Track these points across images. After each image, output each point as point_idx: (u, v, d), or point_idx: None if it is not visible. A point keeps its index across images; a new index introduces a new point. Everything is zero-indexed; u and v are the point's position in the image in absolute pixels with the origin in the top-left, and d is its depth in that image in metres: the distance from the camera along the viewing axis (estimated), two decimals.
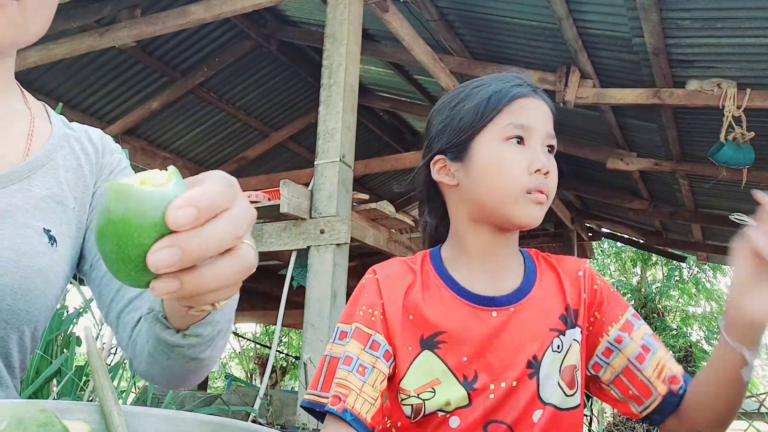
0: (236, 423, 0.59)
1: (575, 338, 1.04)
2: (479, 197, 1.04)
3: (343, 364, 0.99)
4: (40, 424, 0.43)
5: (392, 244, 4.29)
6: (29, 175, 0.83)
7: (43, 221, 0.82)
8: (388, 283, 1.07)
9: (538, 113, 1.06)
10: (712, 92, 4.18)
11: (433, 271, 1.09)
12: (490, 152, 1.03)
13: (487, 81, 1.09)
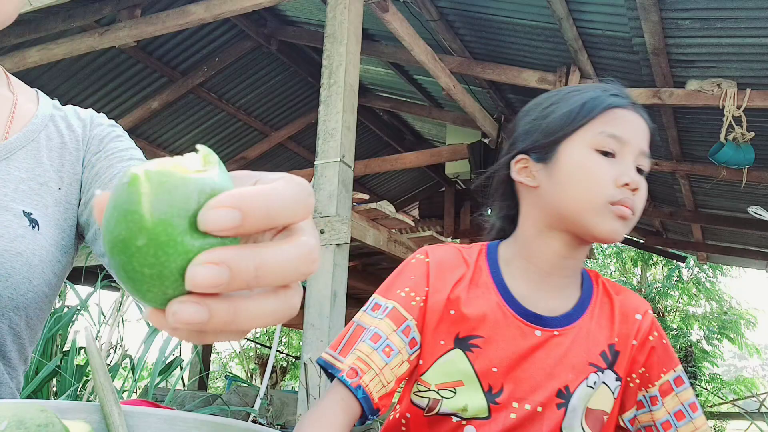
0: (236, 423, 0.59)
1: (606, 382, 1.00)
2: (559, 203, 0.99)
3: (370, 340, 0.96)
4: (40, 424, 0.43)
5: (392, 244, 4.29)
6: (8, 156, 0.81)
7: (23, 204, 0.79)
8: (438, 272, 1.03)
9: (633, 127, 0.99)
10: (712, 92, 4.18)
11: (487, 269, 1.05)
12: (578, 158, 0.98)
13: (584, 87, 1.05)
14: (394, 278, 1.04)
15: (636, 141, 0.99)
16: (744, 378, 14.05)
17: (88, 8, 4.72)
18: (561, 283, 1.03)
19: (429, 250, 1.06)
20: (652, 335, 1.03)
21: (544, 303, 1.01)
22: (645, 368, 1.02)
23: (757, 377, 16.53)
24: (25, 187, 0.81)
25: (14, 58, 4.73)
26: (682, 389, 1.01)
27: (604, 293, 1.06)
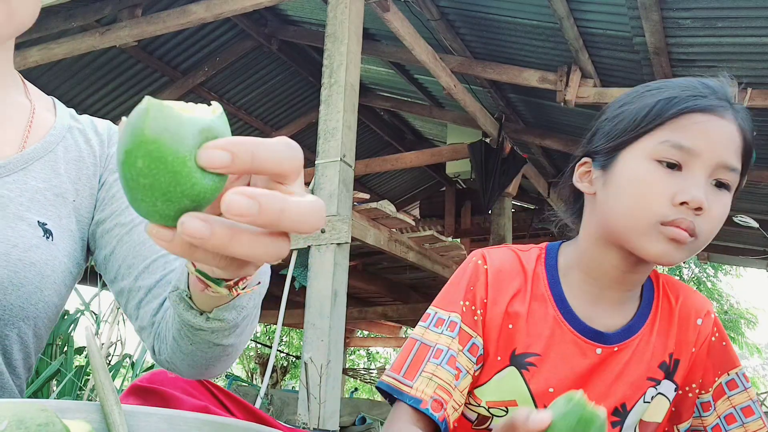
0: (237, 423, 0.59)
1: (664, 392, 0.95)
2: (608, 216, 0.90)
3: (447, 364, 0.89)
4: (40, 424, 0.43)
5: (393, 244, 4.29)
6: (25, 167, 0.80)
7: (38, 214, 0.79)
8: (497, 281, 0.95)
9: (712, 135, 0.85)
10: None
11: (545, 279, 0.97)
12: (633, 169, 0.87)
13: (667, 84, 0.92)
14: (453, 288, 0.97)
15: (712, 151, 0.84)
16: None
17: (88, 8, 4.72)
18: (621, 297, 0.95)
19: (486, 254, 0.98)
20: (713, 337, 0.97)
21: (603, 318, 0.94)
22: (702, 375, 0.96)
23: (757, 376, 16.53)
24: (41, 197, 0.80)
25: (15, 57, 4.69)
26: (735, 393, 0.95)
27: (664, 298, 0.98)
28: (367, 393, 13.24)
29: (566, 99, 4.55)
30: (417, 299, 6.91)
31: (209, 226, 0.39)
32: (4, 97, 0.83)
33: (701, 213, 0.83)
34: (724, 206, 0.86)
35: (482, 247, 1.05)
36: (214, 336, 0.65)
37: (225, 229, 0.39)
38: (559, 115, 5.69)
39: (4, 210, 0.76)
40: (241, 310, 0.63)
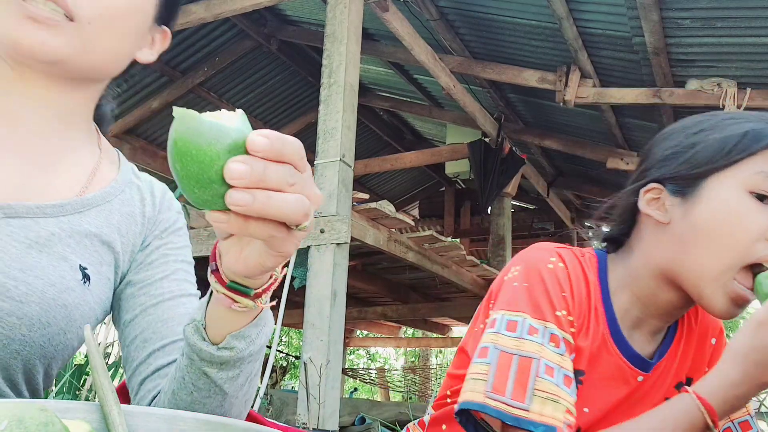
0: (236, 423, 0.59)
1: None
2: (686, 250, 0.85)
3: (565, 385, 0.82)
4: (40, 424, 0.43)
5: (392, 244, 4.29)
6: (82, 211, 0.81)
7: (81, 258, 0.79)
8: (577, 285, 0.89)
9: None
10: (712, 92, 4.18)
11: (599, 292, 0.92)
12: (725, 200, 0.83)
13: (747, 116, 0.89)
14: (540, 292, 0.87)
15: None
16: None
17: None
18: (663, 326, 0.93)
19: (561, 252, 0.92)
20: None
21: (641, 342, 0.91)
22: None
23: None
24: (88, 242, 0.81)
25: None
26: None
27: (687, 318, 0.96)
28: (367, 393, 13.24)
29: (565, 99, 4.56)
30: (416, 299, 6.91)
31: (250, 193, 0.49)
32: (69, 136, 0.83)
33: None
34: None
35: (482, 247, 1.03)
36: (219, 375, 0.69)
37: (263, 193, 0.49)
38: (559, 115, 5.70)
39: (50, 248, 0.77)
40: (249, 342, 0.68)
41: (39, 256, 0.75)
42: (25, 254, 0.74)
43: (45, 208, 0.77)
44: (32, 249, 0.75)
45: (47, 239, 0.76)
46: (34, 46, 0.71)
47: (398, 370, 12.72)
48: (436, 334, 10.07)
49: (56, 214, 0.78)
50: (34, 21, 0.70)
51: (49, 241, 0.77)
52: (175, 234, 0.91)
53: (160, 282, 0.85)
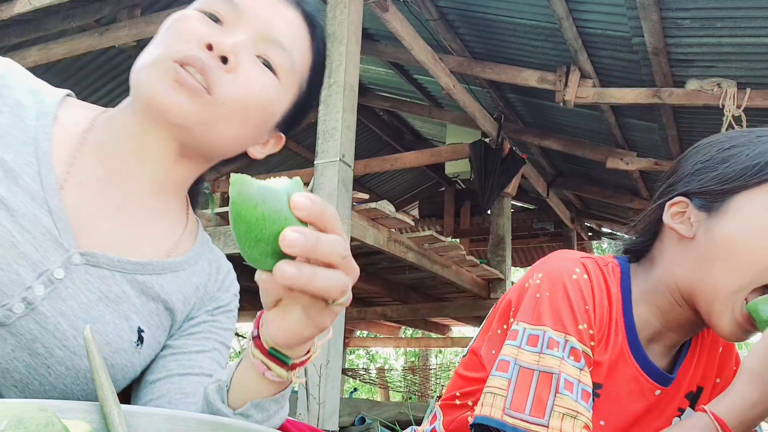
0: (236, 423, 0.59)
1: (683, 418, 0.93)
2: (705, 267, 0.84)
3: (583, 400, 0.81)
4: (40, 424, 0.43)
5: (392, 244, 4.29)
6: (159, 273, 0.83)
7: (142, 320, 0.81)
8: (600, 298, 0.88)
9: None
10: (712, 92, 4.18)
11: (620, 303, 0.90)
12: (752, 217, 0.82)
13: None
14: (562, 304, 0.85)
15: None
16: None
17: (87, 8, 4.71)
18: (681, 340, 0.93)
19: (585, 262, 0.90)
20: (734, 366, 0.96)
21: (657, 355, 0.91)
22: None
23: None
24: (154, 306, 0.82)
25: (14, 57, 4.71)
26: None
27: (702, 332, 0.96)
28: (367, 393, 13.24)
29: (565, 99, 4.56)
30: (416, 299, 6.91)
31: (297, 267, 0.52)
32: (173, 207, 0.87)
33: None
34: None
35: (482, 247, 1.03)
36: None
37: (309, 269, 0.53)
38: (558, 116, 5.70)
39: (118, 305, 0.78)
40: (267, 416, 0.70)
41: (105, 311, 0.77)
42: (93, 306, 0.76)
43: (125, 264, 0.79)
44: (101, 302, 0.77)
45: (117, 296, 0.78)
46: (171, 105, 0.75)
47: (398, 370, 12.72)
48: (436, 334, 10.06)
49: (134, 271, 0.80)
50: (179, 84, 0.75)
51: (118, 298, 0.78)
52: (225, 315, 0.92)
53: (195, 355, 0.85)
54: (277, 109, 0.84)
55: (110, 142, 0.81)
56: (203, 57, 0.75)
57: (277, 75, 0.81)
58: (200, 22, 0.79)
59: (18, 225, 0.72)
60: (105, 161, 0.81)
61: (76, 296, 0.74)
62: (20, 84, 0.81)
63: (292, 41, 0.82)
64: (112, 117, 0.84)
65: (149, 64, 0.78)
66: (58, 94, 0.85)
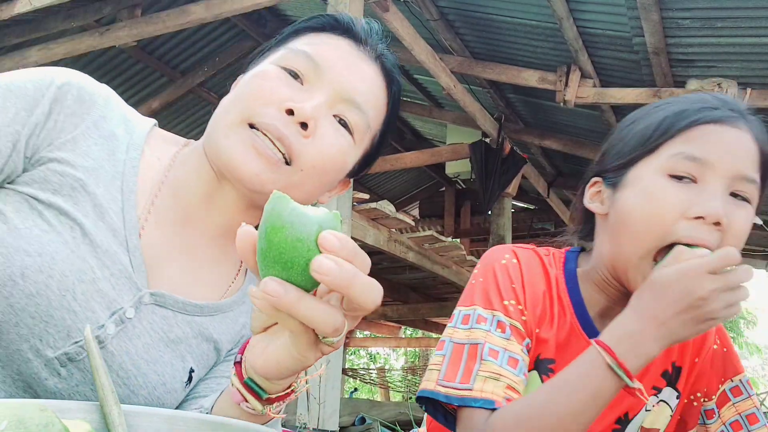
0: (236, 423, 0.59)
1: (666, 399, 0.94)
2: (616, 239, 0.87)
3: (509, 365, 0.86)
4: (40, 424, 0.43)
5: (392, 244, 4.29)
6: (214, 314, 0.84)
7: (195, 360, 0.83)
8: (531, 282, 0.93)
9: (727, 146, 0.82)
10: (712, 92, 4.18)
11: (564, 284, 0.95)
12: (644, 186, 0.84)
13: (677, 99, 0.90)
14: (490, 285, 0.92)
15: (728, 162, 0.81)
16: None
17: (88, 8, 4.72)
18: None
19: (516, 251, 0.96)
20: (714, 345, 0.96)
21: None
22: (707, 383, 0.95)
23: (757, 376, 16.53)
24: (206, 346, 0.84)
25: (14, 58, 4.72)
26: (740, 399, 0.94)
27: None
28: (367, 393, 13.24)
29: (566, 99, 4.56)
30: (416, 299, 6.91)
31: (284, 287, 0.51)
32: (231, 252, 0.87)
33: (720, 229, 0.79)
34: (746, 222, 0.82)
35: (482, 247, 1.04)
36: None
37: (296, 292, 0.51)
38: (559, 115, 5.70)
39: (176, 346, 0.80)
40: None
41: (164, 351, 0.78)
42: (154, 345, 0.77)
43: (187, 306, 0.81)
44: (162, 342, 0.78)
45: (177, 337, 0.80)
46: (250, 173, 0.75)
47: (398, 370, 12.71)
48: (436, 334, 10.06)
49: (194, 313, 0.82)
50: (257, 153, 0.75)
51: (178, 339, 0.80)
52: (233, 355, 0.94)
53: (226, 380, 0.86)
54: (350, 165, 0.85)
55: (186, 183, 0.82)
56: (281, 125, 0.75)
57: (352, 135, 0.81)
58: (280, 80, 0.78)
59: (100, 261, 0.74)
60: (180, 202, 0.82)
61: (142, 336, 0.76)
62: (116, 114, 0.82)
63: (368, 100, 0.82)
64: (191, 155, 0.84)
65: (228, 126, 0.77)
66: (147, 124, 0.86)
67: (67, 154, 0.75)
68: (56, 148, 0.75)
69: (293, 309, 0.51)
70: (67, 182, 0.74)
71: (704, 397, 0.96)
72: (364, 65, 0.83)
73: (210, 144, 0.79)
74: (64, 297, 0.71)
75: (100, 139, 0.78)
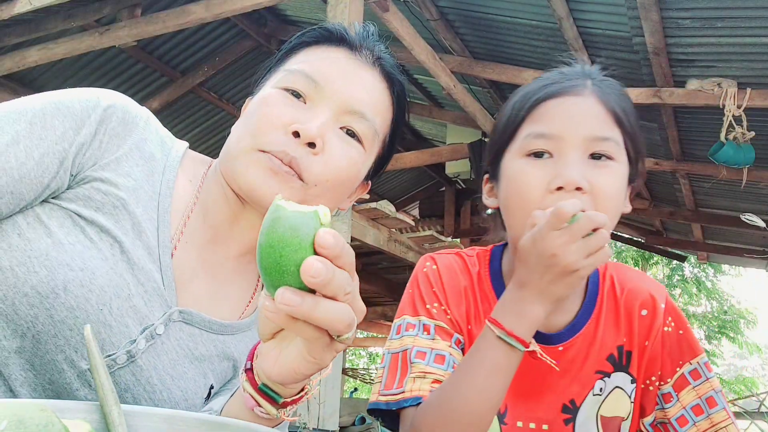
0: (236, 423, 0.59)
1: (619, 385, 0.94)
2: (508, 228, 0.92)
3: (435, 362, 0.90)
4: (40, 424, 0.43)
5: (392, 244, 4.29)
6: (234, 333, 0.86)
7: (215, 377, 0.85)
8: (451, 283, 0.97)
9: (570, 115, 0.86)
10: (713, 92, 4.18)
11: (489, 281, 0.98)
12: (509, 172, 0.89)
13: (526, 85, 0.95)
14: (414, 294, 0.97)
15: (574, 129, 0.85)
16: (744, 377, 14.06)
17: (88, 8, 4.71)
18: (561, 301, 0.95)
19: (435, 257, 1.01)
20: (666, 327, 0.95)
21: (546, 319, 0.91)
22: (661, 367, 0.94)
23: (757, 376, 16.54)
24: (227, 365, 0.86)
25: (14, 57, 4.72)
26: (700, 382, 0.93)
27: (610, 290, 0.97)
28: (367, 393, 13.23)
29: None
30: None
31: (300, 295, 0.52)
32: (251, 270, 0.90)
33: (585, 193, 0.83)
34: (613, 177, 0.85)
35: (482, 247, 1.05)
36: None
37: (311, 298, 0.52)
38: None
39: (200, 363, 0.82)
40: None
41: (188, 368, 0.80)
42: (180, 362, 0.79)
43: (213, 324, 0.83)
44: (187, 359, 0.80)
45: (202, 354, 0.82)
46: (267, 193, 0.77)
47: None
48: None
49: (219, 331, 0.84)
50: (273, 173, 0.77)
51: (202, 356, 0.82)
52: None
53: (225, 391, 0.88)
54: (364, 172, 0.87)
55: (214, 204, 0.84)
56: (290, 149, 0.77)
57: (362, 143, 0.83)
58: (284, 104, 0.80)
59: (135, 278, 0.76)
60: (208, 222, 0.84)
61: (169, 352, 0.78)
62: (155, 136, 0.85)
63: (372, 107, 0.84)
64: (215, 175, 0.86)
65: (241, 153, 0.79)
66: (181, 147, 0.89)
67: (111, 174, 0.78)
68: (101, 168, 0.78)
69: (311, 315, 0.52)
70: (110, 201, 0.77)
71: (659, 380, 0.95)
72: (362, 73, 0.84)
73: (227, 171, 0.81)
74: (101, 311, 0.73)
75: (140, 160, 0.81)
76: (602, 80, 0.92)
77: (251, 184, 0.78)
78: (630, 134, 0.91)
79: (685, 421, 0.92)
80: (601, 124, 0.87)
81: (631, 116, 0.91)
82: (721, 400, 0.93)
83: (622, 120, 0.89)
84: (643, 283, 0.98)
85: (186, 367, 0.80)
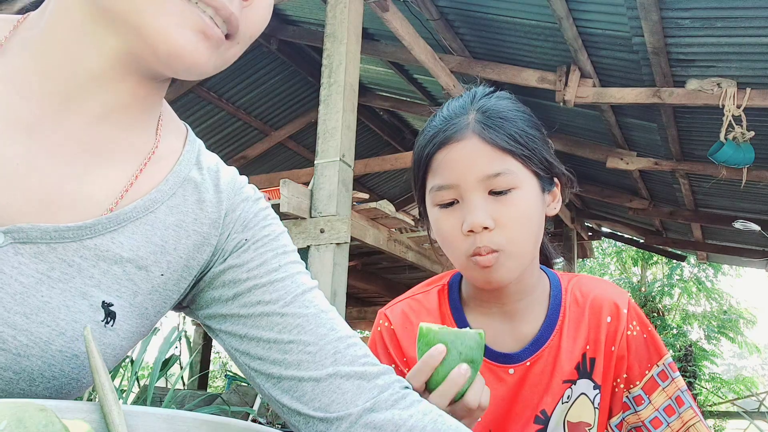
0: (236, 422, 0.59)
1: (584, 392, 0.96)
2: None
3: None
4: (40, 424, 0.43)
5: (392, 244, 4.29)
6: (116, 228, 0.65)
7: (107, 291, 0.65)
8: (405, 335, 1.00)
9: (459, 162, 0.89)
10: (712, 91, 4.18)
11: (450, 314, 1.01)
12: (431, 218, 0.95)
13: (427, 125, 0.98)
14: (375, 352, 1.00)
15: (466, 175, 0.88)
16: (743, 377, 14.07)
17: None
18: (521, 308, 0.98)
19: (387, 314, 1.05)
20: (629, 332, 0.96)
21: (511, 332, 0.97)
22: (627, 370, 0.96)
23: (756, 376, 16.55)
24: (119, 270, 0.65)
25: None
26: (668, 383, 0.95)
27: (572, 302, 0.99)
28: None
29: (565, 99, 4.56)
30: None
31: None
32: (118, 137, 0.67)
33: (491, 231, 0.87)
34: (516, 205, 0.88)
35: None
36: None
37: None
38: (558, 115, 5.70)
39: (67, 282, 0.62)
40: None
41: (50, 294, 0.61)
42: (32, 292, 0.60)
43: (66, 231, 0.62)
44: (42, 285, 0.61)
45: (64, 272, 0.62)
46: (198, 62, 0.60)
47: None
48: None
49: (81, 237, 0.63)
50: (206, 37, 0.60)
51: (65, 275, 0.62)
52: (263, 226, 0.75)
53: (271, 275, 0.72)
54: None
55: (65, 58, 0.62)
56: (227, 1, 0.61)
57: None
58: None
59: None
60: (47, 89, 0.62)
61: (9, 285, 0.59)
62: None
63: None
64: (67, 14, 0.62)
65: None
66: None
67: None
68: None
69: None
70: None
71: (625, 383, 0.96)
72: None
73: (127, 20, 0.58)
74: None
75: None
76: (485, 108, 0.92)
77: (180, 47, 0.59)
78: (527, 154, 0.91)
79: (659, 422, 0.94)
80: (490, 163, 0.89)
81: (522, 136, 0.91)
82: (687, 398, 0.95)
83: (512, 147, 0.89)
84: (605, 291, 0.99)
85: (45, 295, 0.61)
